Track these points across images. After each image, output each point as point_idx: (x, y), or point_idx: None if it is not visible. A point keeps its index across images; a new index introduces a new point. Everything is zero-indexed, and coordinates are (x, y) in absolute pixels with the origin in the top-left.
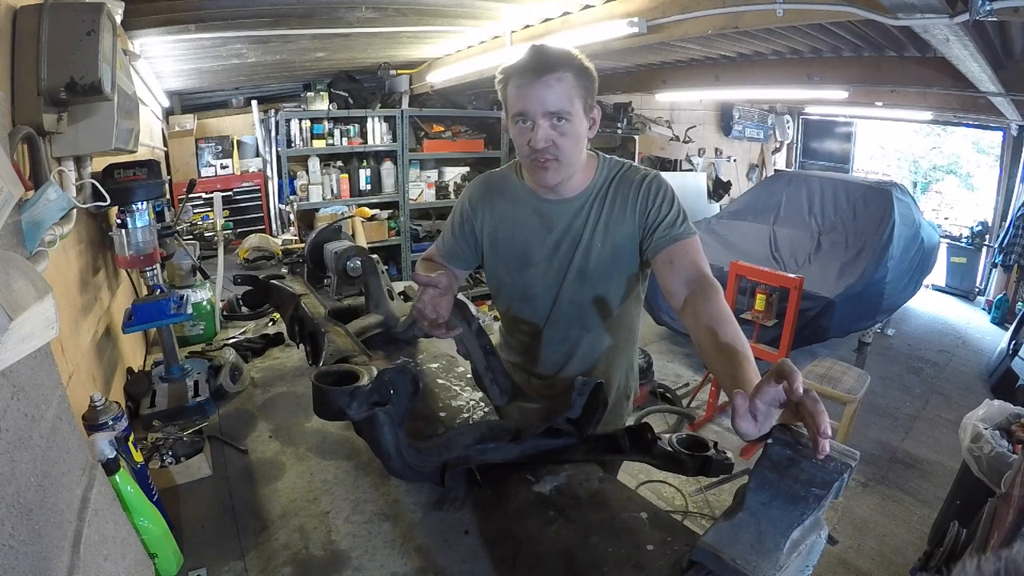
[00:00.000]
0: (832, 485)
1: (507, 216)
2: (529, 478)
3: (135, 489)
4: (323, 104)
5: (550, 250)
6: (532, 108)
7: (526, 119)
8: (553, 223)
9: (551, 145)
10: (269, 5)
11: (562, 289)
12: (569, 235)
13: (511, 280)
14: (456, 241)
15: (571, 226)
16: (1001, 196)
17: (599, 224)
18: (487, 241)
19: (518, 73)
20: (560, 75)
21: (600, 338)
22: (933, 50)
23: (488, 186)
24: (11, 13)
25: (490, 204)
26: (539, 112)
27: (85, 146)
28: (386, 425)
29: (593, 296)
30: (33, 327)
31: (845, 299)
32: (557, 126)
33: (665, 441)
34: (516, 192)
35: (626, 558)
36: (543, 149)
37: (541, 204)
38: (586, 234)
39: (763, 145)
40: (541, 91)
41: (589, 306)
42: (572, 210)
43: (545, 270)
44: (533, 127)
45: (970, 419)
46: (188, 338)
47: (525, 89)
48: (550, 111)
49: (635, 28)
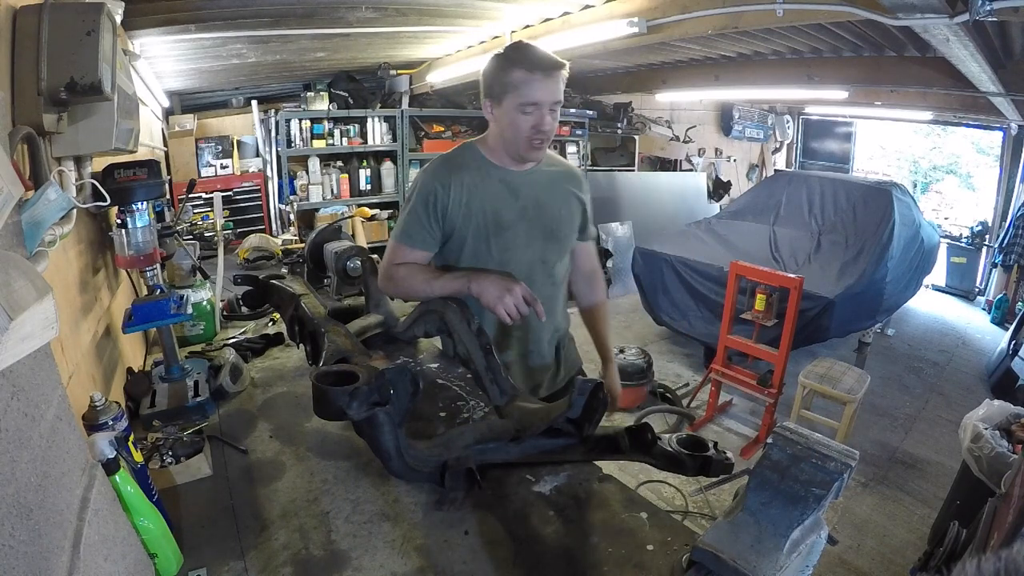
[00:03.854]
0: (832, 485)
1: (476, 186)
2: (529, 478)
3: (135, 489)
4: (323, 104)
5: (519, 214)
6: (545, 99)
7: (537, 107)
8: (519, 191)
9: (550, 127)
10: (269, 5)
11: (536, 249)
12: (533, 200)
13: (488, 247)
14: (427, 225)
15: (534, 193)
16: (1001, 196)
17: (559, 193)
18: (461, 212)
19: (528, 68)
20: (562, 73)
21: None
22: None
23: (451, 164)
24: (11, 13)
25: (459, 178)
26: (548, 102)
27: (85, 146)
28: (386, 425)
29: (560, 254)
30: (33, 327)
31: (845, 299)
32: (553, 112)
33: (665, 441)
34: (480, 165)
35: (626, 558)
36: (547, 131)
37: (506, 174)
38: (550, 200)
39: (763, 145)
40: (552, 85)
41: (556, 263)
42: (533, 180)
43: (519, 233)
44: (542, 114)
45: (970, 419)
46: (188, 338)
47: (540, 84)
48: (555, 101)
49: (635, 28)
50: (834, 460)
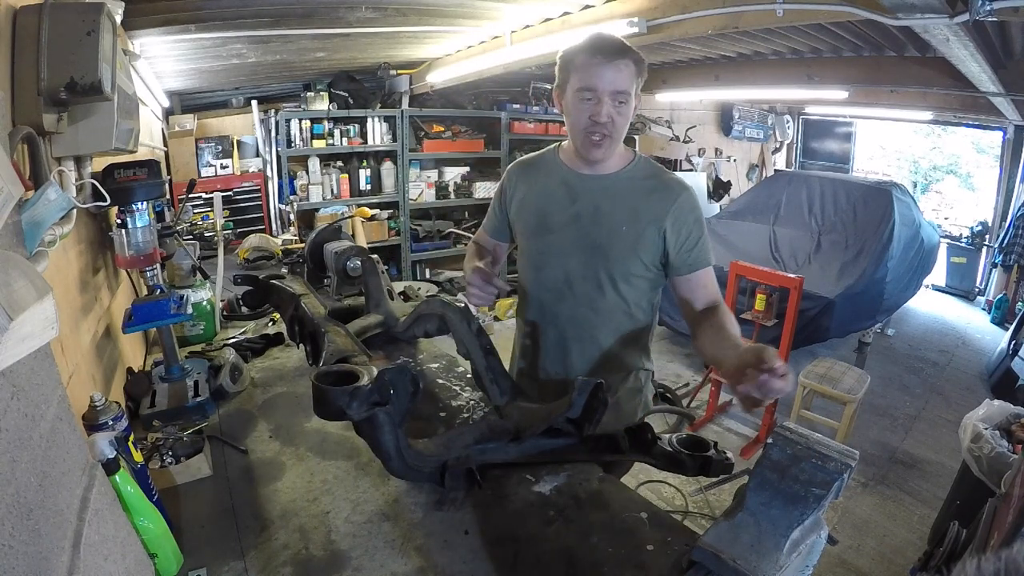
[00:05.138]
0: (832, 485)
1: (536, 184)
2: (529, 478)
3: (135, 489)
4: (323, 104)
5: (569, 219)
6: (602, 86)
7: (593, 94)
8: (577, 194)
9: (610, 121)
10: (269, 5)
11: (575, 260)
12: (591, 208)
13: (527, 247)
14: (497, 216)
15: (596, 201)
16: (1001, 196)
17: (628, 208)
18: (515, 208)
19: (590, 52)
20: (627, 61)
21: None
22: (933, 50)
23: (527, 163)
24: (11, 13)
25: (525, 176)
26: (607, 90)
27: (85, 146)
28: (386, 425)
29: (607, 275)
30: (33, 327)
31: (845, 299)
32: (617, 106)
33: (665, 441)
34: (550, 166)
35: (626, 558)
36: (604, 123)
37: (570, 175)
38: (612, 212)
39: (763, 145)
40: (612, 72)
41: (600, 286)
42: (601, 186)
43: (563, 239)
44: (598, 103)
45: (970, 419)
46: (188, 338)
47: (598, 68)
48: (616, 90)
49: (635, 28)
50: (834, 460)
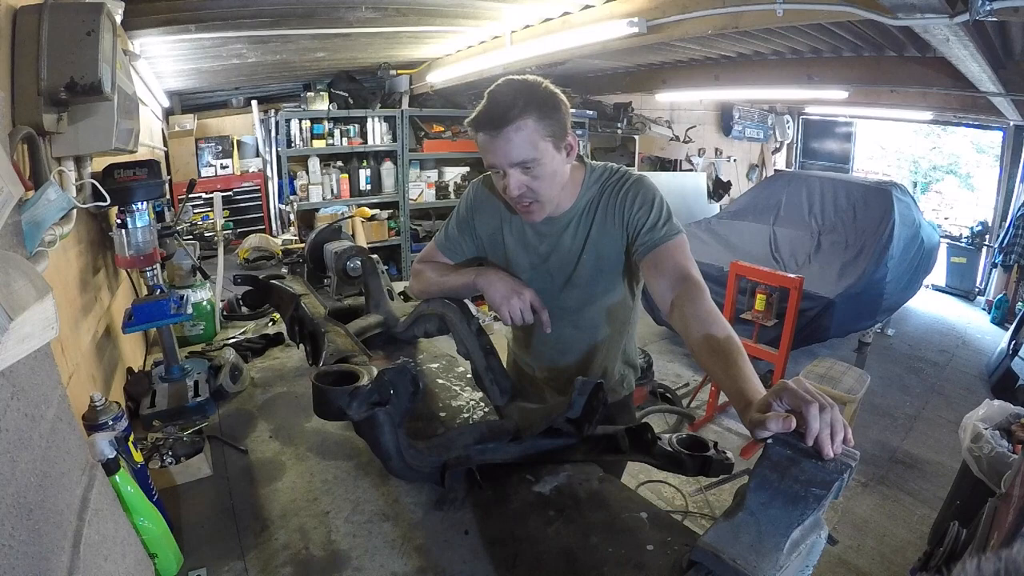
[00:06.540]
0: (832, 485)
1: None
2: (529, 478)
3: (135, 489)
4: (323, 104)
5: (540, 259)
6: (499, 161)
7: (497, 169)
8: (542, 237)
9: (526, 191)
10: (269, 5)
11: (547, 296)
12: (558, 250)
13: None
14: (461, 236)
15: (560, 242)
16: (1001, 196)
17: (588, 240)
18: (486, 243)
19: (475, 126)
20: (519, 124)
21: (592, 335)
22: (933, 50)
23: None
24: (11, 13)
25: (486, 208)
26: (506, 164)
27: (85, 146)
28: (386, 425)
29: (582, 301)
30: (33, 327)
31: (845, 299)
32: (527, 172)
33: (665, 441)
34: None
35: (626, 558)
36: (521, 194)
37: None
38: (574, 249)
39: (763, 145)
40: (502, 145)
41: (579, 310)
42: (560, 227)
43: (533, 278)
44: (505, 176)
45: (970, 419)
46: (188, 338)
47: (489, 144)
48: (515, 162)
49: (635, 28)
50: (834, 460)
